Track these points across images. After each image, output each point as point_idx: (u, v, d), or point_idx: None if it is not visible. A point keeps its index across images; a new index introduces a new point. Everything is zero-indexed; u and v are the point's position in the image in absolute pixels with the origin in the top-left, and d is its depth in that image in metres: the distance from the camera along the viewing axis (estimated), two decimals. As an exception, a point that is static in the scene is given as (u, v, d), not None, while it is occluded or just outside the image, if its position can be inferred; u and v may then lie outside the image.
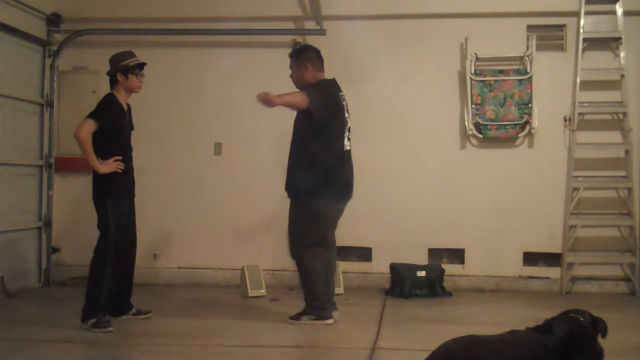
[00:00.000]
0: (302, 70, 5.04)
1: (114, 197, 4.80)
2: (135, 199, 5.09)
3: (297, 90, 4.97)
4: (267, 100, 4.70)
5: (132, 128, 5.11)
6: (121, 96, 4.93)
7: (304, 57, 5.07)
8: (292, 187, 4.99)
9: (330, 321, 4.91)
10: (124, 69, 4.88)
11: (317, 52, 5.14)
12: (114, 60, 4.93)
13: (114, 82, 4.93)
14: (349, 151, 5.08)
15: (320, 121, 4.84)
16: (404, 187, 6.61)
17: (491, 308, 5.72)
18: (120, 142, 4.89)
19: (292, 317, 5.00)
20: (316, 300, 4.95)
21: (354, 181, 5.12)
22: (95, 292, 4.71)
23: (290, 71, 5.14)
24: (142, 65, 4.97)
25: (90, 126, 4.73)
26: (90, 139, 4.75)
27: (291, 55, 5.16)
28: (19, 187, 6.41)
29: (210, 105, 6.80)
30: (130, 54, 4.96)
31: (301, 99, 4.80)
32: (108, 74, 4.95)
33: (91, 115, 4.77)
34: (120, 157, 4.82)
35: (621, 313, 5.35)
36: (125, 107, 4.98)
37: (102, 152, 4.80)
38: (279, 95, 4.76)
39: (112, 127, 4.82)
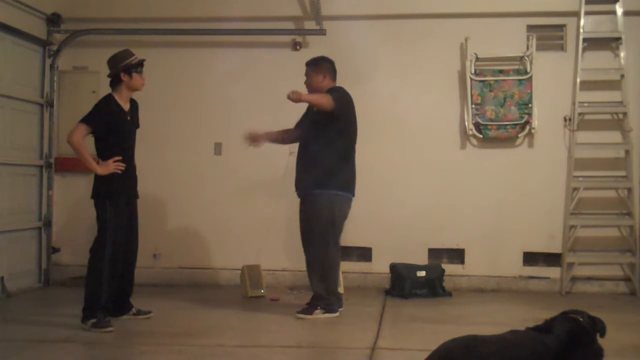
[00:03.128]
0: (319, 79, 5.32)
1: (113, 197, 4.79)
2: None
3: (320, 94, 5.18)
4: (296, 98, 4.95)
5: (137, 126, 5.08)
6: (122, 96, 4.91)
7: (323, 67, 5.35)
8: (317, 182, 5.14)
9: (337, 313, 5.18)
10: (127, 68, 4.87)
11: (333, 64, 5.42)
12: (115, 61, 4.90)
13: (116, 83, 4.91)
14: None
15: (343, 121, 5.16)
16: (404, 187, 6.61)
17: (491, 308, 5.72)
18: (118, 142, 4.87)
19: (301, 312, 5.10)
20: (331, 294, 5.18)
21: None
22: (93, 293, 4.72)
23: (302, 77, 5.35)
24: (143, 62, 4.97)
25: (82, 131, 4.73)
26: (83, 144, 4.75)
27: (310, 64, 5.37)
28: (19, 187, 6.41)
29: (210, 105, 6.80)
30: (129, 53, 4.95)
31: (328, 101, 5.06)
32: (110, 75, 4.92)
33: (83, 120, 4.76)
34: (120, 158, 4.81)
35: (621, 313, 5.35)
36: (127, 107, 4.95)
37: (102, 153, 4.81)
38: (307, 94, 5.09)
39: (108, 129, 4.80)
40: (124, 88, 4.90)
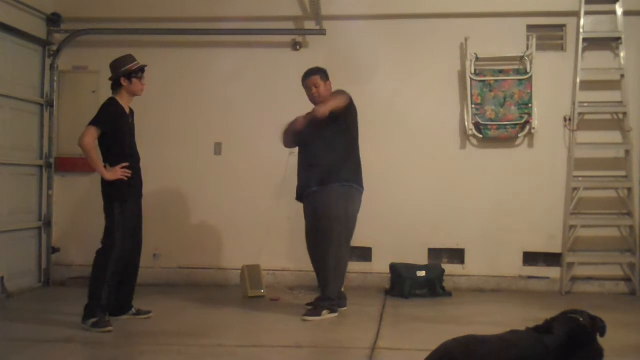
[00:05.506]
0: (328, 86, 5.36)
1: (121, 201, 4.82)
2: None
3: (333, 96, 5.23)
4: (322, 114, 5.03)
5: None
6: (124, 100, 4.95)
7: (327, 74, 5.39)
8: (324, 176, 5.15)
9: (337, 313, 5.20)
10: (127, 73, 4.90)
11: None
12: (117, 65, 4.93)
13: (116, 87, 4.94)
14: None
15: (349, 119, 5.25)
16: (404, 187, 6.61)
17: (491, 308, 5.72)
18: (125, 146, 4.90)
19: (309, 315, 5.07)
20: (336, 293, 5.21)
21: None
22: (96, 292, 4.72)
23: (309, 88, 5.37)
24: (144, 69, 4.99)
25: (93, 133, 4.76)
26: (94, 146, 4.79)
27: (316, 72, 5.37)
28: (19, 187, 6.40)
29: (210, 105, 6.80)
30: (132, 58, 4.98)
31: (343, 100, 5.16)
32: (111, 79, 4.95)
33: (93, 122, 4.79)
34: (127, 164, 4.84)
35: (621, 313, 5.35)
36: (128, 111, 5.00)
37: (109, 157, 4.83)
38: (326, 106, 5.09)
39: (116, 132, 4.84)
40: (124, 92, 4.94)
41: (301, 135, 5.35)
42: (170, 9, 6.79)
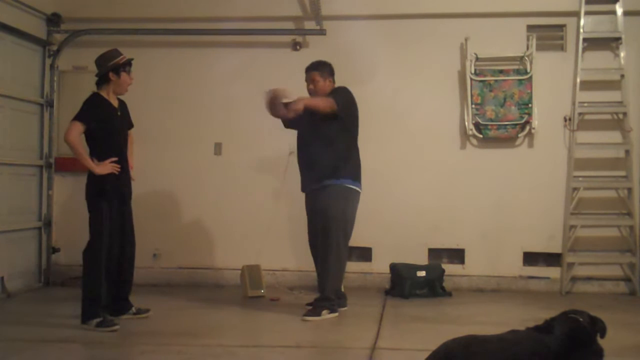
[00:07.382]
0: (327, 84, 5.33)
1: (106, 198, 4.78)
2: (136, 199, 5.09)
3: (322, 98, 5.19)
4: (298, 108, 4.93)
5: (130, 126, 5.09)
6: (109, 95, 4.90)
7: (326, 71, 5.34)
8: (324, 176, 5.15)
9: (337, 313, 5.20)
10: (115, 67, 4.86)
11: (332, 66, 5.42)
12: (103, 60, 4.89)
13: (103, 82, 4.90)
14: None
15: (348, 119, 5.22)
16: (404, 187, 6.61)
17: (491, 308, 5.72)
18: (112, 140, 4.85)
19: (308, 315, 5.07)
20: (335, 293, 5.22)
21: None
22: (91, 292, 4.71)
23: (302, 77, 5.36)
24: (131, 62, 4.96)
25: (78, 128, 4.71)
26: (80, 141, 4.74)
27: (313, 69, 5.34)
28: (19, 187, 6.40)
29: (210, 105, 6.80)
30: (117, 52, 4.95)
31: (330, 105, 5.08)
32: (98, 74, 4.92)
33: (77, 117, 4.74)
34: (116, 159, 4.81)
35: (621, 313, 5.36)
36: (116, 104, 4.94)
37: (96, 151, 4.79)
38: (304, 99, 5.03)
39: (101, 126, 4.79)
40: (111, 87, 4.90)
41: (298, 126, 5.34)
42: (170, 9, 6.79)
